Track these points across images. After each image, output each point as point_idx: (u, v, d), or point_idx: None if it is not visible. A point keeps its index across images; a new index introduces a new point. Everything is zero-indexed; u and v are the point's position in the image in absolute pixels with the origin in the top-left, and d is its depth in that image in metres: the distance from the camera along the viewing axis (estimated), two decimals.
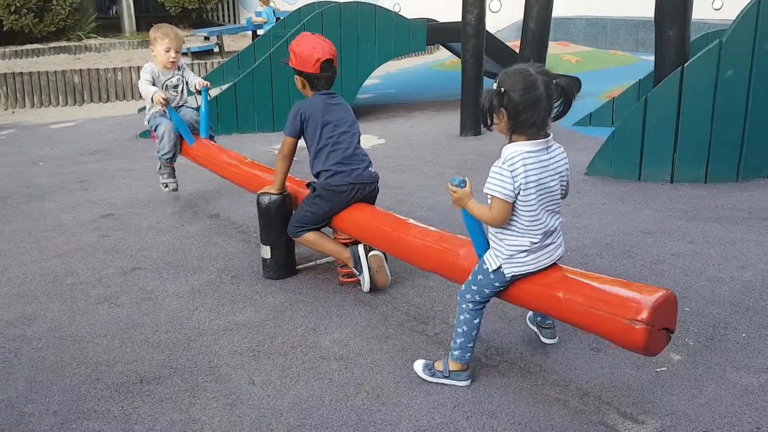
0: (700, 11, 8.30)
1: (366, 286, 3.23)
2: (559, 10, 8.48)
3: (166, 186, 4.62)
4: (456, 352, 2.49)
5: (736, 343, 2.75)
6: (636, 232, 4.03)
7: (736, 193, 4.78)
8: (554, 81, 2.23)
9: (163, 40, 4.38)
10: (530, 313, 2.82)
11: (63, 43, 13.17)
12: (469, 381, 2.51)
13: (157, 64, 4.46)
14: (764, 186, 4.93)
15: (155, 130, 4.57)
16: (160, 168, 4.67)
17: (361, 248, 3.20)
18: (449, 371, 2.50)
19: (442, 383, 2.52)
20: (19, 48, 12.53)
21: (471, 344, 2.48)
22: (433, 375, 2.53)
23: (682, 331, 2.83)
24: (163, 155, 4.57)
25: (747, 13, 4.76)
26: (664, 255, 3.66)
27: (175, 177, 4.67)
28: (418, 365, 2.59)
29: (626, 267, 3.51)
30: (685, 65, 4.91)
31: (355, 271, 3.25)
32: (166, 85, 4.51)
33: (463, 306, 2.47)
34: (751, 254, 3.64)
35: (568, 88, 2.25)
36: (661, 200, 4.67)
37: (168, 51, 4.39)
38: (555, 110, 2.27)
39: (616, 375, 2.54)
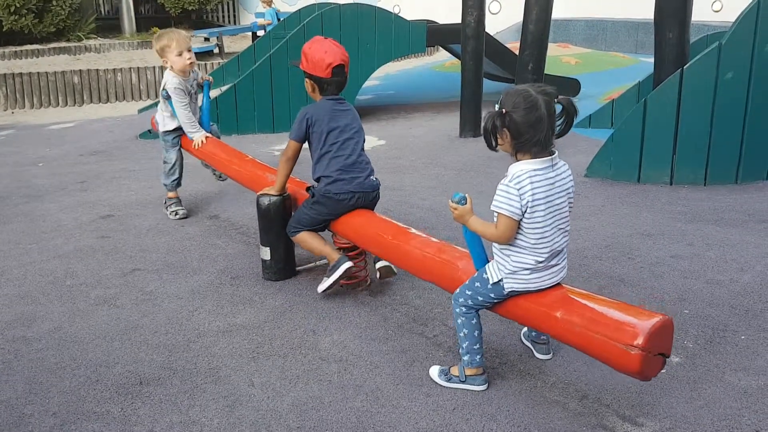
0: (700, 13, 8.31)
1: (320, 287, 3.24)
2: (558, 12, 8.48)
3: (176, 213, 4.57)
4: (466, 357, 2.49)
5: (735, 346, 2.75)
6: (635, 234, 4.04)
7: (736, 195, 4.79)
8: (555, 99, 2.25)
9: (170, 45, 4.28)
10: (524, 329, 2.82)
11: (63, 44, 13.17)
12: (486, 385, 2.50)
13: (178, 73, 4.35)
14: (763, 188, 4.93)
15: (165, 156, 4.59)
16: (165, 202, 4.65)
17: (346, 265, 3.17)
18: (465, 376, 2.50)
19: (459, 388, 2.51)
20: (18, 48, 12.52)
21: (477, 346, 2.48)
22: (449, 380, 2.53)
23: (681, 333, 2.83)
24: (171, 181, 4.60)
25: (747, 15, 4.76)
26: (663, 257, 3.66)
27: (181, 204, 4.65)
28: (434, 371, 2.58)
29: (625, 269, 3.52)
30: (685, 67, 4.91)
31: (329, 271, 3.22)
32: (191, 94, 4.47)
33: (457, 310, 2.48)
34: (750, 256, 3.64)
35: (569, 107, 2.26)
36: (661, 202, 4.68)
37: (181, 54, 4.30)
38: (558, 128, 2.28)
39: (615, 377, 2.54)
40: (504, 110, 2.24)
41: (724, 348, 2.74)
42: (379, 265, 3.29)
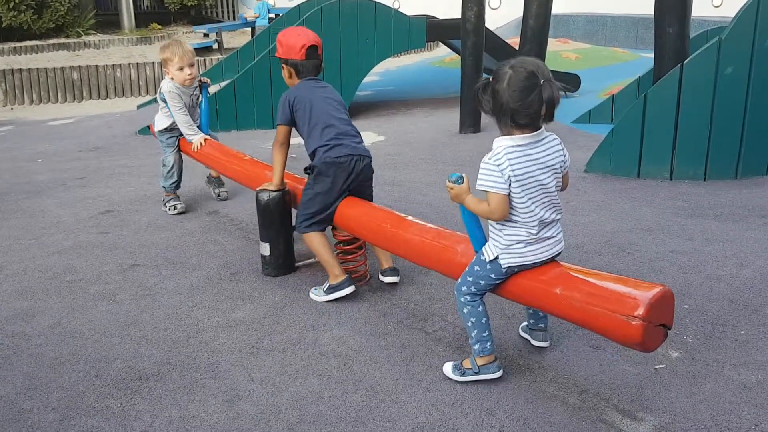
0: (700, 8, 8.30)
1: (313, 297, 3.24)
2: (558, 7, 8.48)
3: (174, 208, 4.59)
4: (476, 347, 2.46)
5: (734, 341, 2.75)
6: (635, 229, 4.03)
7: (735, 190, 4.78)
8: (543, 81, 2.17)
9: (173, 60, 4.35)
10: (523, 323, 2.82)
11: (62, 40, 13.16)
12: (500, 371, 2.48)
13: (178, 83, 4.43)
14: (763, 183, 4.93)
15: (163, 158, 4.64)
16: (163, 199, 4.68)
17: (349, 290, 3.17)
18: (478, 367, 2.47)
19: (475, 380, 2.48)
20: (17, 44, 12.52)
21: (486, 333, 2.46)
22: (463, 374, 2.49)
23: (680, 328, 2.83)
24: (170, 184, 4.64)
25: (746, 10, 4.76)
26: (663, 252, 3.66)
27: (180, 200, 4.68)
28: (447, 368, 2.55)
29: (625, 264, 3.52)
30: (685, 62, 4.91)
31: (326, 288, 3.21)
32: (191, 101, 4.53)
33: (461, 300, 2.46)
34: (750, 251, 3.64)
35: (550, 94, 2.18)
36: (660, 197, 4.67)
37: (182, 69, 4.37)
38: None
39: (614, 372, 2.55)
40: (490, 79, 2.26)
41: (723, 343, 2.74)
42: (386, 280, 3.34)
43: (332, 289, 3.19)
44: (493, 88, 2.25)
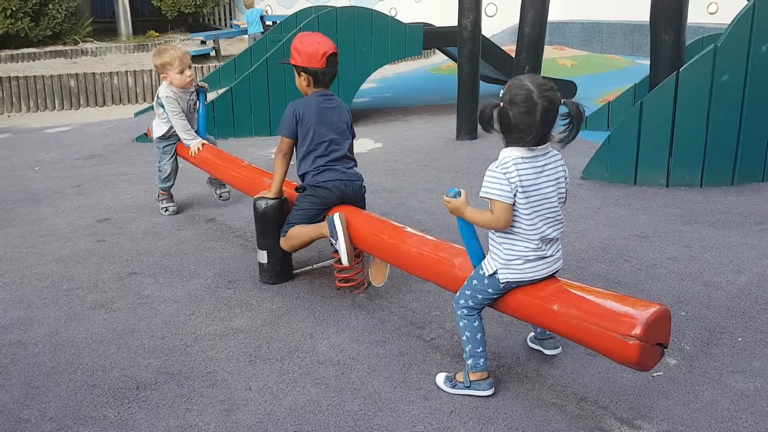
0: (696, 15, 8.34)
1: (344, 256, 3.12)
2: (554, 15, 8.50)
3: (166, 210, 4.72)
4: (469, 362, 2.46)
5: (732, 348, 2.75)
6: (632, 236, 4.04)
7: (732, 197, 4.80)
8: (561, 103, 2.23)
9: (173, 64, 4.36)
10: (530, 334, 2.81)
11: (59, 47, 13.15)
12: (492, 390, 2.46)
13: (177, 87, 4.44)
14: (759, 190, 4.94)
15: (160, 165, 4.69)
16: (158, 195, 4.79)
17: (336, 217, 3.10)
18: (470, 381, 2.47)
19: (464, 394, 2.47)
20: (15, 52, 12.51)
21: (480, 349, 2.45)
22: (454, 386, 2.49)
23: (678, 335, 2.83)
24: (165, 186, 4.73)
25: (742, 17, 4.77)
26: (659, 259, 3.67)
27: (173, 201, 4.79)
28: (440, 378, 2.55)
29: (622, 271, 3.52)
30: (681, 70, 4.92)
31: (332, 239, 3.14)
32: (189, 105, 4.56)
33: (458, 312, 2.47)
34: (747, 258, 3.65)
35: (576, 113, 2.22)
36: (657, 204, 4.68)
37: (182, 72, 4.39)
38: (562, 134, 2.27)
39: (612, 380, 2.55)
40: (501, 104, 2.25)
41: (721, 350, 2.74)
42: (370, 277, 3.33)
43: (333, 234, 3.08)
44: (499, 112, 2.24)
